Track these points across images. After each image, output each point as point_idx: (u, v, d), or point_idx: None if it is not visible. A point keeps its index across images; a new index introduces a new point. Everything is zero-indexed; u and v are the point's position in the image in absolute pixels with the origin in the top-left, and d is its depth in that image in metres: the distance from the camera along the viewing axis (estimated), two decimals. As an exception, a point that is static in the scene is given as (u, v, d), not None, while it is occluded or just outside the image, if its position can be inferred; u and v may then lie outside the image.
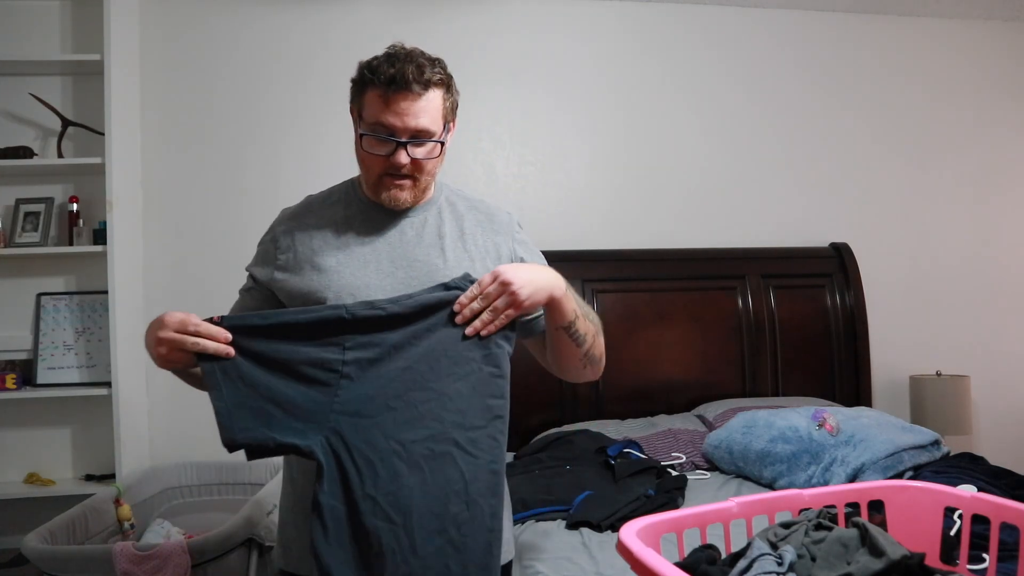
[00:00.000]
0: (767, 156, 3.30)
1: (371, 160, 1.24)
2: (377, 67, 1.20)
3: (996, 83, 3.46)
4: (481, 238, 1.32)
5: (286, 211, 1.36)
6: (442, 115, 1.24)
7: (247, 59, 3.00)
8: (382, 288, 1.23)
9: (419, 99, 1.20)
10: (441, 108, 1.23)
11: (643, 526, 0.94)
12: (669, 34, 3.26)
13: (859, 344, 3.13)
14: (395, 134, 1.20)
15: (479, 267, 1.28)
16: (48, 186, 2.87)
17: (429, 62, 1.22)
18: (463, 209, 1.35)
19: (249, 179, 2.98)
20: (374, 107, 1.21)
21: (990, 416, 3.36)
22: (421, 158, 1.23)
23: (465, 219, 1.33)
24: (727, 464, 2.40)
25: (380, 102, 1.20)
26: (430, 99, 1.21)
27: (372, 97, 1.21)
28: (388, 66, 1.19)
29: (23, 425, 2.81)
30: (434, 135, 1.23)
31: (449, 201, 1.35)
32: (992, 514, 1.00)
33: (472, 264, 1.28)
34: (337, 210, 1.32)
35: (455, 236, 1.30)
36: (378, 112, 1.20)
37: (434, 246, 1.28)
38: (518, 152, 3.16)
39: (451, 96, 1.26)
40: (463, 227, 1.32)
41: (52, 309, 2.83)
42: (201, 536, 2.04)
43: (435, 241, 1.29)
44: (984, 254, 3.42)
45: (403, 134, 1.20)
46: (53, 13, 2.86)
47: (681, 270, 3.10)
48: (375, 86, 1.20)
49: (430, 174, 1.28)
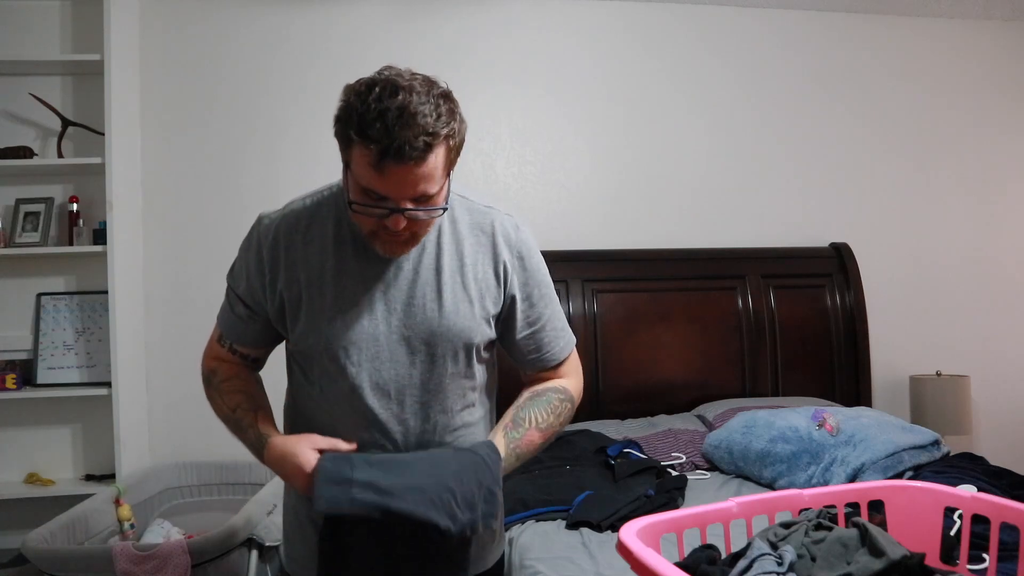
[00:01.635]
0: (767, 156, 3.30)
1: (362, 219, 1.09)
2: (367, 127, 0.98)
3: (996, 83, 3.46)
4: (481, 270, 1.21)
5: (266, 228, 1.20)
6: (445, 168, 1.07)
7: (247, 59, 3.00)
8: (375, 338, 1.16)
9: (418, 167, 1.01)
10: (444, 162, 1.06)
11: (643, 526, 0.94)
12: (669, 34, 3.26)
13: (859, 344, 3.13)
14: (389, 201, 1.04)
15: (477, 310, 1.20)
16: (48, 186, 2.87)
17: (433, 116, 1.01)
18: (464, 229, 1.21)
19: (249, 179, 2.98)
20: (363, 171, 1.02)
21: (990, 416, 3.36)
22: (422, 219, 1.09)
23: (465, 244, 1.20)
24: (727, 464, 2.40)
25: (371, 169, 1.01)
26: (430, 163, 1.02)
27: (361, 159, 1.02)
28: (382, 130, 0.98)
29: (23, 425, 2.81)
30: (434, 196, 1.06)
31: (450, 218, 1.21)
32: (992, 514, 1.00)
33: (471, 308, 1.19)
34: (327, 228, 1.18)
35: (454, 269, 1.19)
36: (368, 178, 1.02)
37: (430, 285, 1.18)
38: (518, 152, 3.16)
39: (456, 137, 1.07)
40: (463, 255, 1.20)
41: (52, 309, 2.83)
42: (201, 536, 2.04)
43: (431, 279, 1.18)
44: (984, 254, 3.42)
45: (399, 202, 1.04)
46: (53, 13, 2.86)
47: (681, 270, 3.10)
48: (365, 148, 1.00)
49: (429, 226, 1.14)
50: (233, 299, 1.26)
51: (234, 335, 1.27)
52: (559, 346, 1.31)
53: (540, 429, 1.23)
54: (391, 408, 1.19)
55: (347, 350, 1.16)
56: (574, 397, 1.31)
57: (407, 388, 1.19)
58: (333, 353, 1.17)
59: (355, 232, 1.17)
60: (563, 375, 1.32)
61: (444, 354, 1.19)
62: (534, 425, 1.22)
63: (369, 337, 1.17)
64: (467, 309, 1.19)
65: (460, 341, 1.20)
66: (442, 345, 1.19)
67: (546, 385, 1.30)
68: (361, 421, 1.19)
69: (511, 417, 1.23)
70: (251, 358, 1.31)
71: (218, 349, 1.30)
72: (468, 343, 1.20)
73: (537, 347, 1.29)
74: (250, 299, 1.23)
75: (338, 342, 1.16)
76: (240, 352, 1.29)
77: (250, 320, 1.25)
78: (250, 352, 1.29)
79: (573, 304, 3.00)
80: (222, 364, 1.30)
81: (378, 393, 1.18)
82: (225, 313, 1.28)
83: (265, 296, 1.21)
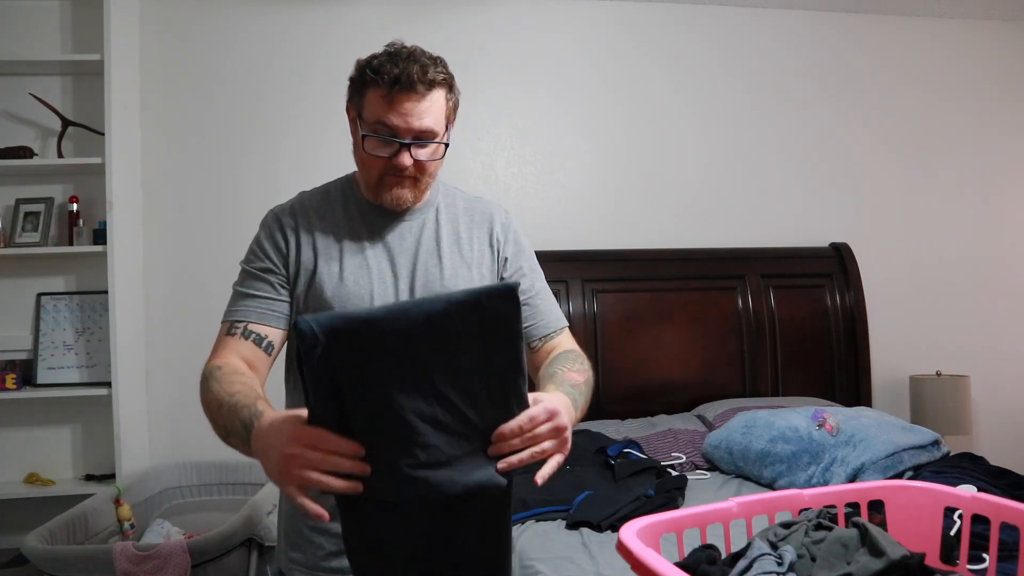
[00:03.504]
0: (767, 156, 3.30)
1: (372, 161, 1.22)
2: (380, 66, 1.17)
3: (996, 83, 3.46)
4: (476, 243, 1.32)
5: (281, 208, 1.31)
6: (444, 115, 1.23)
7: (247, 59, 3.00)
8: (384, 297, 1.24)
9: (423, 99, 1.18)
10: (444, 108, 1.22)
11: (643, 526, 0.94)
12: (669, 34, 3.26)
13: (859, 344, 3.13)
14: (398, 135, 1.18)
15: (475, 274, 1.29)
16: (48, 186, 2.87)
17: (432, 61, 1.20)
18: (459, 211, 1.34)
19: (249, 179, 2.98)
20: (376, 107, 1.18)
21: (990, 416, 3.36)
22: (424, 159, 1.22)
23: (460, 221, 1.33)
24: (727, 464, 2.40)
25: (383, 102, 1.18)
26: (433, 99, 1.19)
27: (374, 97, 1.19)
28: (391, 65, 1.16)
29: (23, 425, 2.81)
30: (437, 136, 1.21)
31: (446, 202, 1.35)
32: (992, 514, 1.00)
33: (469, 272, 1.28)
34: (336, 210, 1.30)
35: (451, 241, 1.30)
36: (380, 112, 1.18)
37: (431, 253, 1.28)
38: (518, 152, 3.16)
39: (453, 96, 1.25)
40: (459, 231, 1.32)
41: (52, 309, 2.83)
42: (201, 536, 2.05)
43: (432, 248, 1.29)
44: (984, 254, 3.42)
45: (406, 135, 1.18)
46: (53, 13, 2.86)
47: (681, 270, 3.10)
48: (378, 86, 1.17)
49: (432, 175, 1.27)
50: (250, 279, 1.25)
51: (252, 314, 1.23)
52: (554, 315, 1.36)
53: (574, 371, 1.21)
54: None
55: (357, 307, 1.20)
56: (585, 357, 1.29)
57: None
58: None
59: (362, 209, 1.29)
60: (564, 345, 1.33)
61: None
62: (566, 369, 1.21)
63: (378, 297, 1.23)
64: (466, 273, 1.28)
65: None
66: None
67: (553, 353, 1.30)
68: None
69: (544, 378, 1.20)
70: (266, 341, 1.23)
71: (227, 343, 1.23)
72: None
73: (532, 314, 1.33)
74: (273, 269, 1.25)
75: (350, 301, 1.22)
76: (255, 334, 1.23)
77: (271, 292, 1.24)
78: (267, 332, 1.23)
79: (573, 304, 2.99)
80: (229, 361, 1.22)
81: None
82: (238, 300, 1.26)
83: (288, 265, 1.25)
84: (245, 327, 1.22)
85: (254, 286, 1.25)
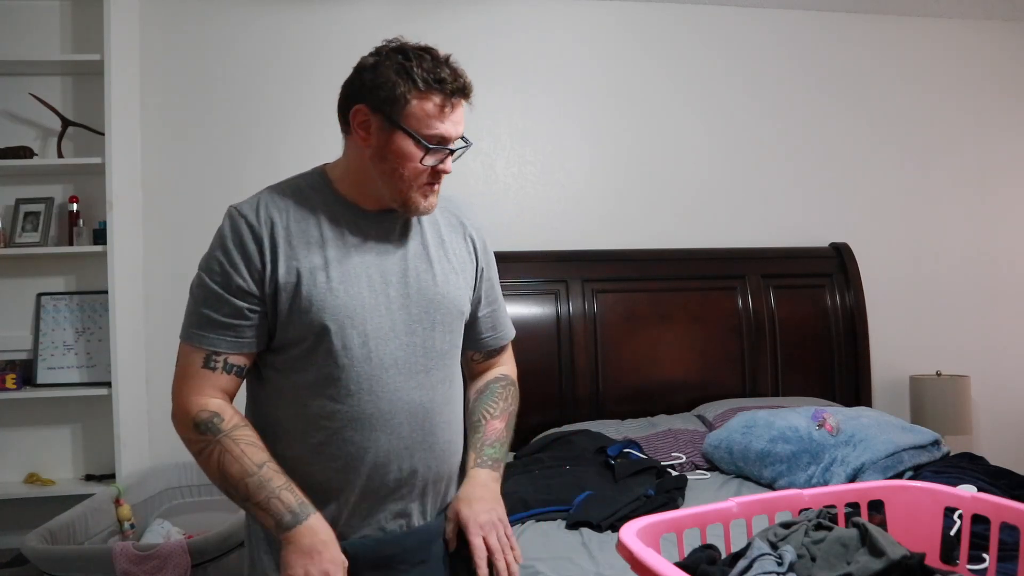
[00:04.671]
0: (767, 156, 3.30)
1: (418, 169, 1.16)
2: (433, 74, 1.13)
3: (996, 83, 3.46)
4: (457, 247, 1.31)
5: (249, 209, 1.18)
6: None
7: (247, 59, 3.00)
8: (376, 309, 1.18)
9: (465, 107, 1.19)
10: None
11: (643, 526, 0.94)
12: (669, 34, 3.26)
13: (859, 344, 3.13)
14: (448, 142, 1.18)
15: (461, 280, 1.28)
16: (48, 186, 2.86)
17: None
18: (437, 212, 1.29)
19: (249, 178, 2.96)
20: (429, 115, 1.14)
21: (990, 416, 3.36)
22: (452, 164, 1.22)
23: (440, 223, 1.30)
24: (727, 464, 2.40)
25: (438, 111, 1.14)
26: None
27: (427, 105, 1.14)
28: (449, 76, 1.14)
29: (23, 425, 2.81)
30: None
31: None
32: (992, 514, 1.00)
33: (457, 277, 1.27)
34: (314, 210, 1.20)
35: (437, 244, 1.28)
36: (435, 121, 1.15)
37: (421, 257, 1.24)
38: (518, 152, 3.16)
39: None
40: (441, 233, 1.29)
41: (52, 309, 2.83)
42: (201, 536, 2.05)
43: (420, 252, 1.25)
44: (984, 254, 3.42)
45: (453, 142, 1.18)
46: (53, 13, 2.86)
47: (681, 270, 3.10)
48: (435, 93, 1.13)
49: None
50: (221, 302, 1.14)
51: (231, 343, 1.15)
52: (508, 327, 1.44)
53: (496, 417, 1.34)
54: (395, 380, 1.18)
55: (352, 320, 1.15)
56: (515, 380, 1.43)
57: (411, 359, 1.20)
58: (340, 325, 1.15)
59: (342, 210, 1.22)
60: (503, 362, 1.44)
61: (442, 322, 1.24)
62: (489, 418, 1.33)
63: (371, 308, 1.18)
64: (455, 279, 1.27)
65: (455, 309, 1.27)
66: (440, 313, 1.24)
67: (486, 379, 1.41)
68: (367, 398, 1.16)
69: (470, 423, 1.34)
70: (243, 370, 1.19)
71: (207, 378, 1.15)
72: (460, 311, 1.28)
73: (493, 325, 1.39)
74: (246, 290, 1.14)
75: (342, 313, 1.15)
76: (236, 366, 1.16)
77: (251, 317, 1.15)
78: (245, 363, 1.18)
79: (573, 304, 3.00)
80: (221, 403, 1.16)
81: (390, 368, 1.18)
82: (208, 324, 1.15)
83: (265, 283, 1.15)
84: (225, 361, 1.16)
85: (227, 311, 1.14)
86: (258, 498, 1.10)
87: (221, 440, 1.12)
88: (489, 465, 1.28)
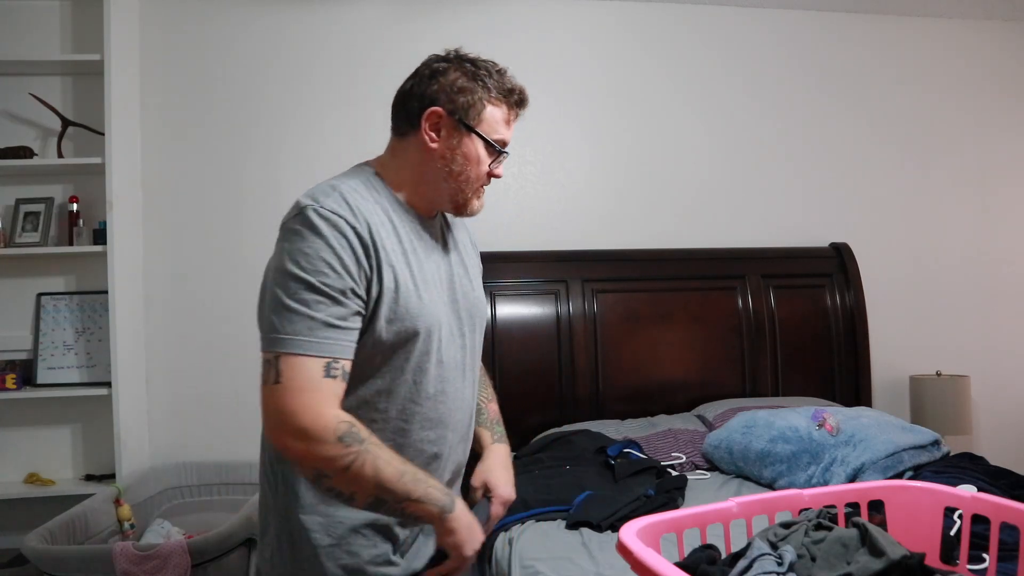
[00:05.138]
0: (767, 156, 3.30)
1: (482, 173, 1.24)
2: (502, 85, 1.24)
3: (996, 83, 3.46)
4: (470, 247, 1.39)
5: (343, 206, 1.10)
6: None
7: (247, 59, 3.00)
8: (446, 314, 1.22)
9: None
10: None
11: (643, 526, 0.94)
12: (669, 34, 3.26)
13: (859, 344, 3.13)
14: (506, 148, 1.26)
15: (480, 281, 1.35)
16: (48, 186, 2.87)
17: None
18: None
19: (249, 179, 2.98)
20: (498, 122, 1.24)
21: (990, 416, 3.36)
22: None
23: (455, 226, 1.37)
24: (727, 464, 2.40)
25: (504, 118, 1.25)
26: None
27: (497, 113, 1.24)
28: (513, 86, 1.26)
29: (23, 425, 2.81)
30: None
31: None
32: (992, 514, 1.00)
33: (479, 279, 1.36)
34: (385, 210, 1.18)
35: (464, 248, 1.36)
36: (501, 127, 1.24)
37: (458, 262, 1.31)
38: (518, 152, 3.16)
39: None
40: (458, 237, 1.36)
41: (52, 309, 2.83)
42: (201, 536, 2.05)
43: (457, 257, 1.31)
44: (984, 254, 3.42)
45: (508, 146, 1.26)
46: (53, 13, 2.86)
47: (681, 270, 3.10)
48: (504, 102, 1.24)
49: None
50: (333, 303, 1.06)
51: (346, 348, 1.08)
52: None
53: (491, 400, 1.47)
54: (457, 380, 1.25)
55: (437, 326, 1.18)
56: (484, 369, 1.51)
57: (465, 362, 1.27)
58: (428, 331, 1.16)
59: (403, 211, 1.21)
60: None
61: (480, 323, 1.32)
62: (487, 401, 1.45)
63: (443, 313, 1.22)
64: (478, 282, 1.35)
65: (485, 309, 1.36)
66: (478, 315, 1.31)
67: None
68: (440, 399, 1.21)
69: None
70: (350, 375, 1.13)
71: (331, 388, 1.05)
72: (487, 311, 1.38)
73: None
74: (357, 292, 1.09)
75: (420, 321, 1.14)
76: (347, 373, 1.09)
77: (356, 323, 1.09)
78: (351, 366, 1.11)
79: (573, 304, 2.99)
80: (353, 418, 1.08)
81: (453, 368, 1.23)
82: (324, 329, 1.05)
83: (371, 286, 1.10)
84: (343, 367, 1.08)
85: (341, 314, 1.07)
86: (417, 492, 1.08)
87: (368, 448, 1.05)
88: (504, 441, 1.42)
